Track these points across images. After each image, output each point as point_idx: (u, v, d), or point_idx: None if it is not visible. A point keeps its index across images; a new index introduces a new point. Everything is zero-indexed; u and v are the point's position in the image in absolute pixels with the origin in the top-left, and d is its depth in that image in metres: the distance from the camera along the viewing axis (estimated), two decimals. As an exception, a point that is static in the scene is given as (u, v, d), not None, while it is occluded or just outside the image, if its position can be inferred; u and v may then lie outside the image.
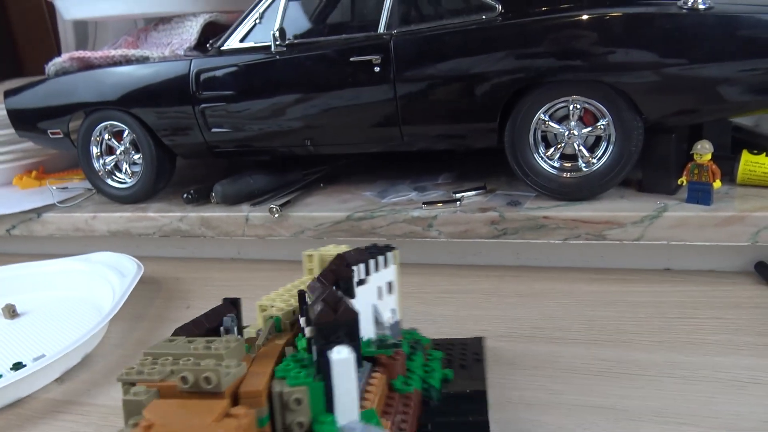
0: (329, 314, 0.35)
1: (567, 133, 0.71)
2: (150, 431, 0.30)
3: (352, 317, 0.35)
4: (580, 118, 0.71)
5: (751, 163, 0.72)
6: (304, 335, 0.41)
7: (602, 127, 0.70)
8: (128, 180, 0.94)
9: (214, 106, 0.83)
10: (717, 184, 0.67)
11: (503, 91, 0.70)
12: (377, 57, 0.73)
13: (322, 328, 0.35)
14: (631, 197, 0.73)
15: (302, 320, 0.41)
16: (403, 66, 0.73)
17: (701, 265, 0.75)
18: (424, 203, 0.77)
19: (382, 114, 0.76)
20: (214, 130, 0.85)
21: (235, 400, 0.34)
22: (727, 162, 0.74)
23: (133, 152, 0.92)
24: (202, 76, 0.82)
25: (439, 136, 0.77)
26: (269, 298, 0.51)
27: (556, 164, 0.73)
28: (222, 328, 0.43)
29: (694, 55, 0.63)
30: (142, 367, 0.36)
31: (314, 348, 0.36)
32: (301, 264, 0.53)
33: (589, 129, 0.71)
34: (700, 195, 0.69)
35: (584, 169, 0.72)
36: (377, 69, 0.73)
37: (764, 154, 0.72)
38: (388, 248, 0.47)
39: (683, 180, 0.69)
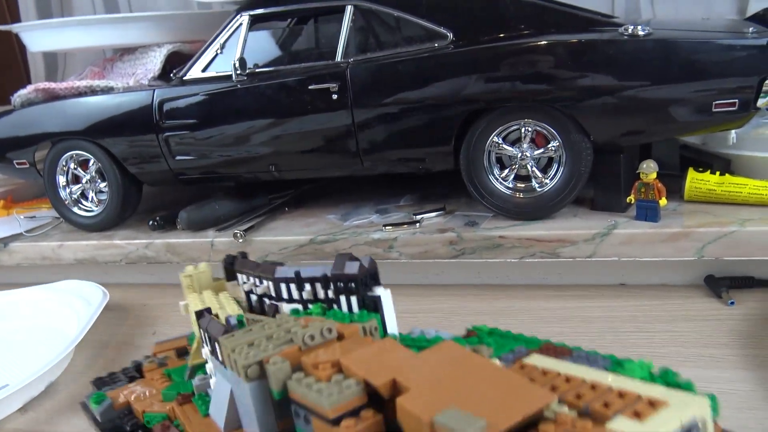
0: (363, 268, 0.47)
1: (520, 155, 0.73)
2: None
3: (375, 267, 0.47)
4: (533, 141, 0.73)
5: (696, 180, 0.74)
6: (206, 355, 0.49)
7: (553, 148, 0.72)
8: (95, 208, 0.95)
9: (178, 135, 0.84)
10: (663, 201, 0.70)
11: (456, 116, 0.73)
12: (334, 85, 0.75)
13: (364, 278, 0.46)
14: (583, 215, 0.76)
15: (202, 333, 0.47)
16: (359, 93, 0.75)
17: (654, 279, 0.77)
18: (384, 225, 0.79)
19: (342, 140, 0.78)
20: (178, 158, 0.86)
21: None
22: (675, 180, 0.77)
23: (99, 181, 0.93)
24: (165, 106, 0.84)
25: (398, 160, 0.79)
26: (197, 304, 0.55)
27: (511, 185, 0.75)
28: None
29: (636, 80, 0.66)
30: (240, 354, 0.39)
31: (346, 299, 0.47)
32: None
33: (541, 151, 0.73)
34: (648, 212, 0.71)
35: (537, 190, 0.74)
36: (335, 96, 0.75)
37: (708, 171, 0.75)
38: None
39: (631, 198, 0.72)
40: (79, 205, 0.96)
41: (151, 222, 0.89)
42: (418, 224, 0.78)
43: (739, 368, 0.58)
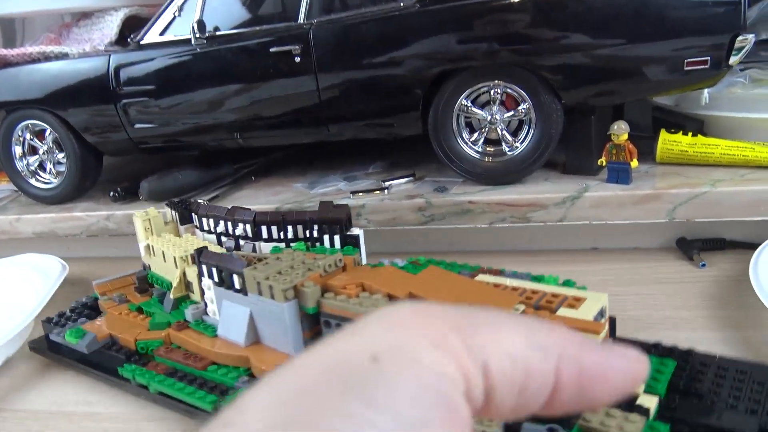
0: (347, 213, 0.58)
1: (489, 117, 0.71)
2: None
3: (350, 211, 0.58)
4: (502, 103, 0.71)
5: (668, 142, 0.73)
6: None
7: (523, 111, 0.70)
8: (53, 180, 0.91)
9: (137, 102, 0.81)
10: (634, 163, 0.68)
11: (424, 78, 0.70)
12: (297, 47, 0.72)
13: (345, 220, 0.57)
14: (555, 179, 0.74)
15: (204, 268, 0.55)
16: (323, 56, 0.72)
17: (626, 243, 0.77)
18: (351, 192, 0.77)
19: (306, 105, 0.75)
20: (137, 126, 0.83)
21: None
22: (647, 141, 0.76)
23: (56, 151, 0.89)
24: (122, 72, 0.80)
25: (365, 125, 0.77)
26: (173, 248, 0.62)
27: (480, 149, 0.73)
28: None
29: (607, 37, 0.64)
30: (276, 281, 0.47)
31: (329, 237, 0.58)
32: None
33: (511, 113, 0.71)
34: (619, 174, 0.70)
35: (508, 153, 0.72)
36: (298, 59, 0.73)
37: (681, 132, 0.73)
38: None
39: (602, 160, 0.70)
40: (37, 176, 0.92)
41: (112, 193, 0.86)
42: (386, 191, 0.76)
43: (709, 329, 0.57)
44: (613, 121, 0.69)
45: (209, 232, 0.65)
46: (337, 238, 0.58)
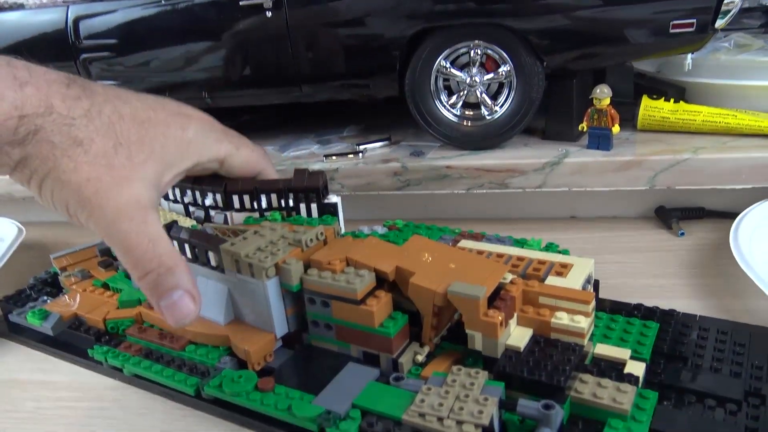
0: (324, 180, 0.55)
1: (469, 80, 0.69)
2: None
3: (326, 178, 0.55)
4: (482, 65, 0.69)
5: (650, 108, 0.72)
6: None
7: (503, 73, 0.68)
8: (10, 140, 0.86)
9: (98, 57, 0.77)
10: (616, 128, 0.67)
11: (402, 36, 0.67)
12: (268, 0, 0.68)
13: (322, 187, 0.54)
14: (534, 145, 0.73)
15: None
16: (296, 10, 0.68)
17: (605, 211, 0.75)
18: (325, 156, 0.74)
19: (278, 63, 0.72)
20: (100, 82, 0.78)
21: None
22: (628, 107, 0.74)
23: (13, 110, 0.84)
24: (82, 24, 0.76)
25: (340, 86, 0.73)
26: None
27: (458, 112, 0.71)
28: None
29: (590, -3, 0.62)
30: (255, 258, 0.45)
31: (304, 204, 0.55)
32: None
33: (491, 75, 0.69)
34: (600, 140, 0.68)
35: (487, 117, 0.70)
36: (269, 14, 0.69)
37: (663, 99, 0.72)
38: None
39: (584, 125, 0.68)
40: (-7, 136, 0.87)
41: (72, 154, 0.82)
42: (360, 154, 0.74)
43: (688, 297, 0.57)
44: (594, 86, 0.67)
45: (175, 201, 0.61)
46: (314, 206, 0.55)
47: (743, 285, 0.56)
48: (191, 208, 0.60)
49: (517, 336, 0.42)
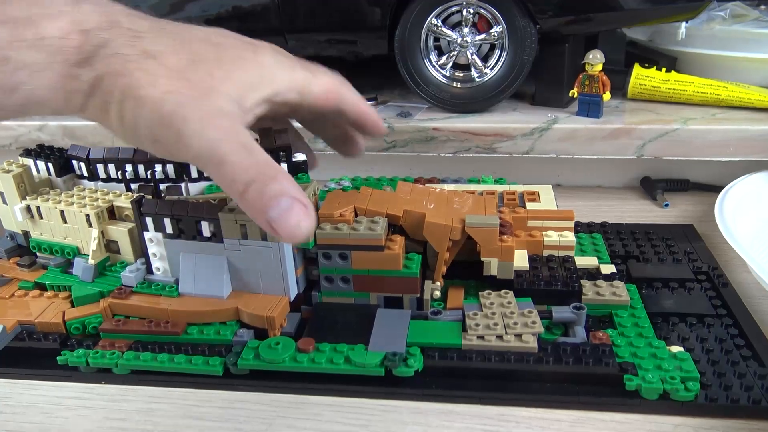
0: (287, 135, 0.49)
1: (460, 39, 0.67)
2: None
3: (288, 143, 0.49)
4: (474, 25, 0.67)
5: (641, 77, 0.71)
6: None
7: (495, 34, 0.66)
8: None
9: None
10: (606, 96, 0.66)
11: (393, -10, 0.65)
12: (255, -53, 0.66)
13: (287, 150, 0.49)
14: (523, 110, 0.71)
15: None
16: (284, -42, 0.66)
17: (590, 180, 0.75)
18: (310, 113, 0.72)
19: (262, 13, 0.69)
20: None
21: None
22: (619, 76, 0.73)
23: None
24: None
25: (327, 41, 0.71)
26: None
27: (448, 73, 0.69)
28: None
29: (589, -43, 0.61)
30: None
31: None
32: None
33: (483, 36, 0.67)
34: (590, 107, 0.67)
35: (477, 80, 0.69)
36: (256, -39, 0.66)
37: (654, 68, 0.71)
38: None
39: (574, 92, 0.67)
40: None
41: (46, 102, 0.79)
42: (347, 113, 0.72)
43: (671, 268, 0.56)
44: (585, 52, 0.66)
45: (107, 180, 0.56)
46: (284, 165, 0.51)
47: (726, 258, 0.56)
48: (133, 185, 0.55)
49: (518, 258, 0.48)
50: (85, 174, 0.56)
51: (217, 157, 0.34)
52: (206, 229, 0.46)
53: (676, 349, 0.42)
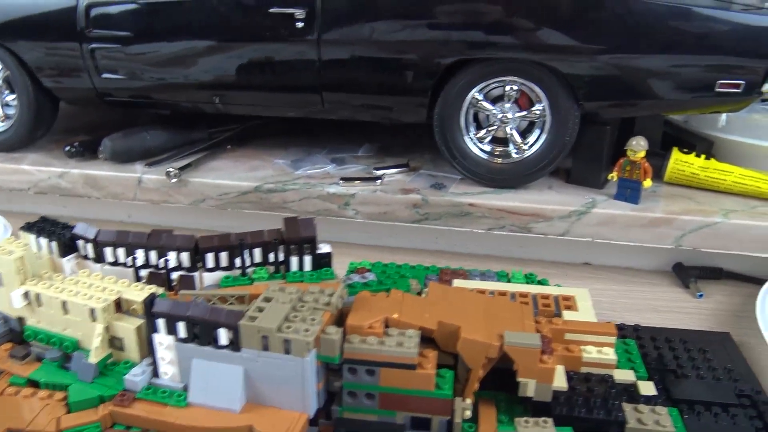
0: (313, 226, 0.49)
1: (501, 115, 0.66)
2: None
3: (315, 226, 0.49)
4: (516, 101, 0.66)
5: (680, 162, 0.70)
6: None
7: (537, 112, 0.65)
8: (0, 124, 0.81)
9: (107, 48, 0.72)
10: (647, 183, 0.65)
11: (437, 63, 0.64)
12: (301, 11, 0.64)
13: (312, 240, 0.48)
14: (559, 188, 0.70)
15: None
16: (329, 24, 0.65)
17: (620, 261, 0.73)
18: (341, 179, 0.70)
19: (302, 76, 0.68)
20: (105, 75, 0.74)
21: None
22: (656, 158, 0.72)
23: (6, 92, 0.79)
24: (94, 11, 0.71)
25: (362, 105, 0.70)
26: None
27: (486, 148, 0.68)
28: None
29: (641, 45, 0.60)
30: (290, 331, 0.40)
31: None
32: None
33: (524, 113, 0.66)
34: (629, 193, 0.66)
35: (515, 156, 0.67)
36: (300, 24, 0.65)
37: (693, 153, 0.70)
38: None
39: (614, 175, 0.66)
40: (-18, 118, 0.82)
41: (68, 147, 0.77)
42: (378, 181, 0.70)
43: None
44: (622, 132, 0.65)
45: (114, 264, 0.52)
46: (307, 258, 0.49)
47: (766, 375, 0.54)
48: (142, 272, 0.52)
49: (556, 376, 0.44)
50: (91, 255, 0.52)
51: None
52: (224, 336, 0.42)
53: None
